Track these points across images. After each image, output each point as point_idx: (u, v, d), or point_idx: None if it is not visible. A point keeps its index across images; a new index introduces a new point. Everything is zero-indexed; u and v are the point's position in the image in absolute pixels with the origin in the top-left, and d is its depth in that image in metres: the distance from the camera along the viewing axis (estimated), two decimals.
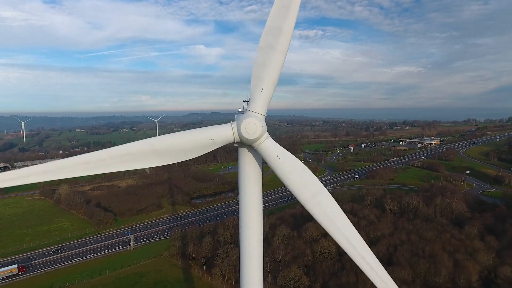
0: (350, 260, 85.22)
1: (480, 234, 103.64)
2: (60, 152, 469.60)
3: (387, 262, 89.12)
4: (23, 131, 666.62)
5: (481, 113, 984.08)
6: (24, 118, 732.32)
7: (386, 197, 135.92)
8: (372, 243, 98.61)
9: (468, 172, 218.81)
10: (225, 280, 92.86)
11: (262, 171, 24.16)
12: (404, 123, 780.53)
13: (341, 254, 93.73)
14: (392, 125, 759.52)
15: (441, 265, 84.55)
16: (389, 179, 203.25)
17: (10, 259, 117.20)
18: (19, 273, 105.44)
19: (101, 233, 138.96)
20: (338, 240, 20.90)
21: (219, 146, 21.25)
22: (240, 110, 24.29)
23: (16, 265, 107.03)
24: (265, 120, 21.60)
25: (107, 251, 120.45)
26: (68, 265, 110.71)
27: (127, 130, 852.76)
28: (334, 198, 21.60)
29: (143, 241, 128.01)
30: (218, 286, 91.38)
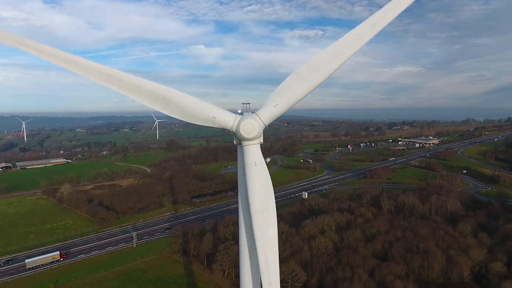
0: (346, 256, 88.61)
1: (473, 231, 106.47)
2: (61, 151, 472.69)
3: (382, 258, 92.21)
4: (23, 131, 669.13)
5: (481, 113, 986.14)
6: (24, 118, 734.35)
7: (383, 196, 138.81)
8: (368, 240, 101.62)
9: (465, 171, 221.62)
10: (225, 275, 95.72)
11: None
12: (404, 123, 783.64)
13: (337, 250, 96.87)
14: (391, 125, 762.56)
15: (434, 260, 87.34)
16: (386, 178, 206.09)
17: (16, 255, 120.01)
18: (61, 259, 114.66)
19: (103, 231, 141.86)
20: (258, 250, 21.83)
21: (216, 127, 22.83)
22: (239, 111, 26.99)
23: (58, 252, 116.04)
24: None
25: (110, 248, 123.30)
26: (73, 261, 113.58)
27: (127, 130, 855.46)
28: (331, 196, 23.85)
29: (145, 239, 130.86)
30: (219, 281, 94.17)
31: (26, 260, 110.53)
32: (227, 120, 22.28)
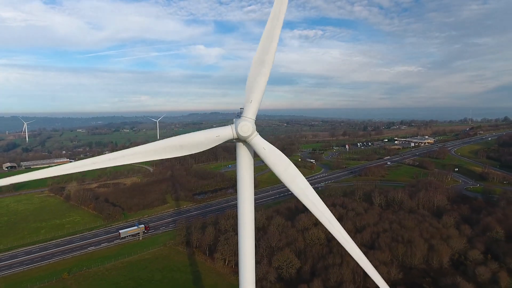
0: (337, 245, 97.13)
1: (456, 223, 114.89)
2: (63, 152, 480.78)
3: (370, 246, 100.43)
4: (25, 132, 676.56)
5: (481, 113, 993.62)
6: (24, 118, 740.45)
7: (374, 192, 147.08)
8: (358, 231, 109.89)
9: (457, 169, 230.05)
10: (226, 263, 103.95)
11: (260, 169, 34.50)
12: (402, 123, 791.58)
13: (329, 240, 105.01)
14: (389, 124, 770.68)
15: (417, 249, 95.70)
16: (380, 176, 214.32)
17: (30, 248, 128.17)
18: (145, 231, 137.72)
19: (111, 225, 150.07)
20: (307, 205, 30.29)
21: (222, 141, 30.43)
22: (237, 116, 34.99)
23: (143, 225, 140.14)
24: (265, 120, 32.31)
25: (118, 241, 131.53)
26: (84, 253, 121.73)
27: (128, 131, 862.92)
28: (326, 192, 31.82)
29: (150, 232, 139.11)
30: (220, 269, 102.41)
31: (120, 231, 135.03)
32: (227, 132, 29.78)
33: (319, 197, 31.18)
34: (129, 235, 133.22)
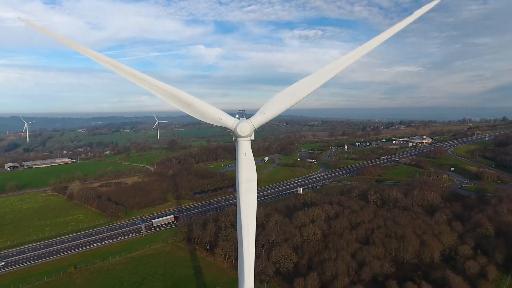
0: (332, 241, 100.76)
1: (448, 220, 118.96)
2: (64, 152, 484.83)
3: (364, 242, 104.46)
4: (26, 132, 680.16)
5: (480, 113, 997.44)
6: (25, 118, 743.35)
7: (370, 190, 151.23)
8: (353, 227, 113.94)
9: (453, 169, 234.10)
10: (226, 258, 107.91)
11: (259, 169, 38.50)
12: (401, 123, 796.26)
13: (325, 236, 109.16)
14: (388, 125, 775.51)
15: (409, 244, 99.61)
16: (377, 175, 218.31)
17: (36, 244, 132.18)
18: (175, 220, 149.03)
19: (114, 223, 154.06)
20: (241, 214, 33.93)
21: (219, 125, 33.91)
22: (237, 116, 38.82)
23: (173, 215, 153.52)
24: None
25: (121, 237, 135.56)
26: (88, 249, 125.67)
27: (128, 131, 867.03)
28: (323, 191, 35.17)
29: (152, 229, 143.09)
30: (220, 263, 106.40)
31: (153, 220, 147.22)
32: (228, 121, 33.68)
33: (254, 219, 35.46)
34: (162, 224, 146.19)
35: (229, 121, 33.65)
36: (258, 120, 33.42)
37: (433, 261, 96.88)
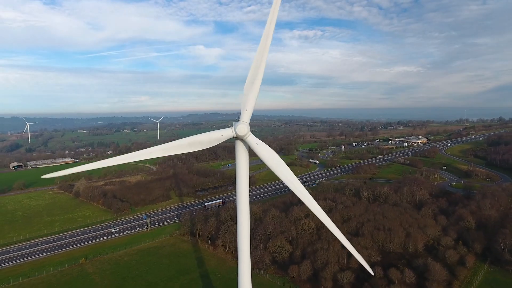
0: (325, 233, 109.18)
1: (434, 214, 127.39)
2: (66, 152, 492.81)
3: (354, 234, 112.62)
4: (28, 132, 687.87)
5: (479, 113, 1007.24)
6: (26, 119, 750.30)
7: (363, 187, 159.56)
8: (344, 221, 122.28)
9: (445, 167, 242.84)
10: (226, 250, 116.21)
11: (258, 167, 46.56)
12: (399, 123, 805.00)
13: (318, 229, 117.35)
14: (386, 125, 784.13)
15: (396, 235, 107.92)
16: (372, 173, 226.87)
17: (47, 238, 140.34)
18: (222, 204, 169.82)
19: (120, 219, 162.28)
20: (285, 182, 42.00)
21: (225, 140, 41.87)
22: (237, 120, 46.97)
23: (220, 200, 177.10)
24: (264, 121, 44.80)
25: (127, 232, 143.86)
26: (97, 242, 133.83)
27: (129, 131, 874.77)
28: (319, 188, 43.03)
29: (157, 224, 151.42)
30: (221, 254, 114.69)
31: (205, 203, 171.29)
32: (228, 133, 41.20)
33: (299, 181, 43.08)
34: (213, 207, 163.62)
35: (228, 132, 41.19)
36: (246, 116, 41.04)
37: (417, 251, 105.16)
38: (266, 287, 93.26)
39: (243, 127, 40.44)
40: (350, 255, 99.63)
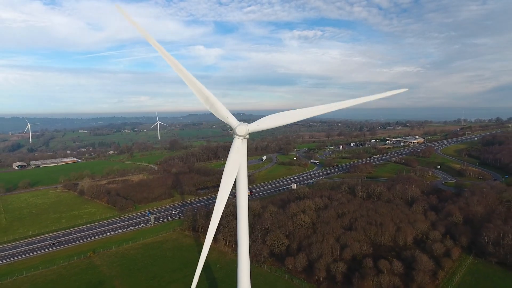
0: (320, 227, 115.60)
1: (424, 211, 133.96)
2: (68, 152, 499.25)
3: (347, 228, 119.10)
4: (29, 132, 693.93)
5: (477, 113, 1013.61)
6: (26, 119, 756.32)
7: (358, 185, 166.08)
8: (339, 216, 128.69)
9: (439, 167, 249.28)
10: (227, 244, 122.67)
11: (258, 167, 52.48)
12: (397, 123, 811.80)
13: (314, 224, 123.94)
14: (385, 125, 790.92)
15: (386, 230, 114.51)
16: (367, 172, 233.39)
17: (55, 234, 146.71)
18: (250, 194, 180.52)
19: (124, 215, 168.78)
20: (221, 183, 46.23)
21: (226, 123, 46.55)
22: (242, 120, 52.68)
23: (249, 190, 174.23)
24: None
25: (132, 227, 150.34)
26: (103, 237, 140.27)
27: (129, 131, 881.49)
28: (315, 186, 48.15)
29: (160, 220, 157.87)
30: (222, 248, 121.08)
31: (235, 194, 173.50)
32: (233, 122, 46.53)
33: (226, 196, 47.98)
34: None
35: (233, 122, 46.46)
36: (253, 127, 46.52)
37: (406, 244, 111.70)
38: (264, 278, 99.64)
39: (243, 129, 45.76)
40: (343, 248, 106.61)
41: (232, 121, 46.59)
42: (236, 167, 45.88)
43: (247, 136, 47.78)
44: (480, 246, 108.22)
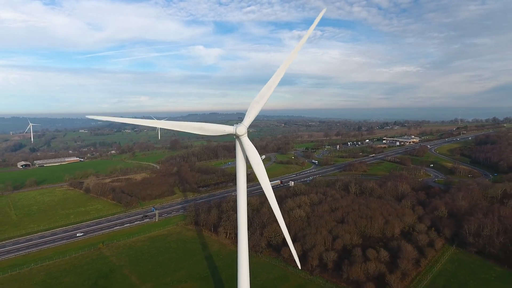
0: (314, 221, 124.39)
1: (412, 205, 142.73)
2: (70, 151, 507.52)
3: (340, 221, 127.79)
4: (30, 132, 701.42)
5: (475, 113, 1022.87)
6: (29, 120, 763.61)
7: (351, 182, 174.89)
8: (332, 211, 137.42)
9: (432, 165, 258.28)
10: (227, 236, 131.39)
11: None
12: (395, 123, 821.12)
13: (309, 217, 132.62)
14: (383, 125, 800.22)
15: (376, 223, 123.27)
16: (362, 171, 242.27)
17: (65, 228, 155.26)
18: (280, 184, 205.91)
19: (130, 211, 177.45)
20: (259, 179, 54.42)
21: (226, 133, 55.16)
22: (239, 119, 61.48)
23: (279, 180, 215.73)
24: (264, 121, 59.27)
25: (138, 222, 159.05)
26: (111, 231, 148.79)
27: (130, 131, 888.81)
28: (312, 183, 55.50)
29: (164, 216, 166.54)
30: (223, 240, 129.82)
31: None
32: (230, 129, 55.00)
33: (269, 182, 55.12)
34: (274, 186, 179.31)
35: (230, 129, 54.73)
36: (247, 121, 54.53)
37: (394, 236, 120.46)
38: (262, 266, 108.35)
39: (242, 129, 53.99)
40: (334, 238, 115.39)
41: (228, 128, 54.41)
42: (259, 157, 53.10)
43: (246, 132, 56.02)
44: (461, 237, 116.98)
